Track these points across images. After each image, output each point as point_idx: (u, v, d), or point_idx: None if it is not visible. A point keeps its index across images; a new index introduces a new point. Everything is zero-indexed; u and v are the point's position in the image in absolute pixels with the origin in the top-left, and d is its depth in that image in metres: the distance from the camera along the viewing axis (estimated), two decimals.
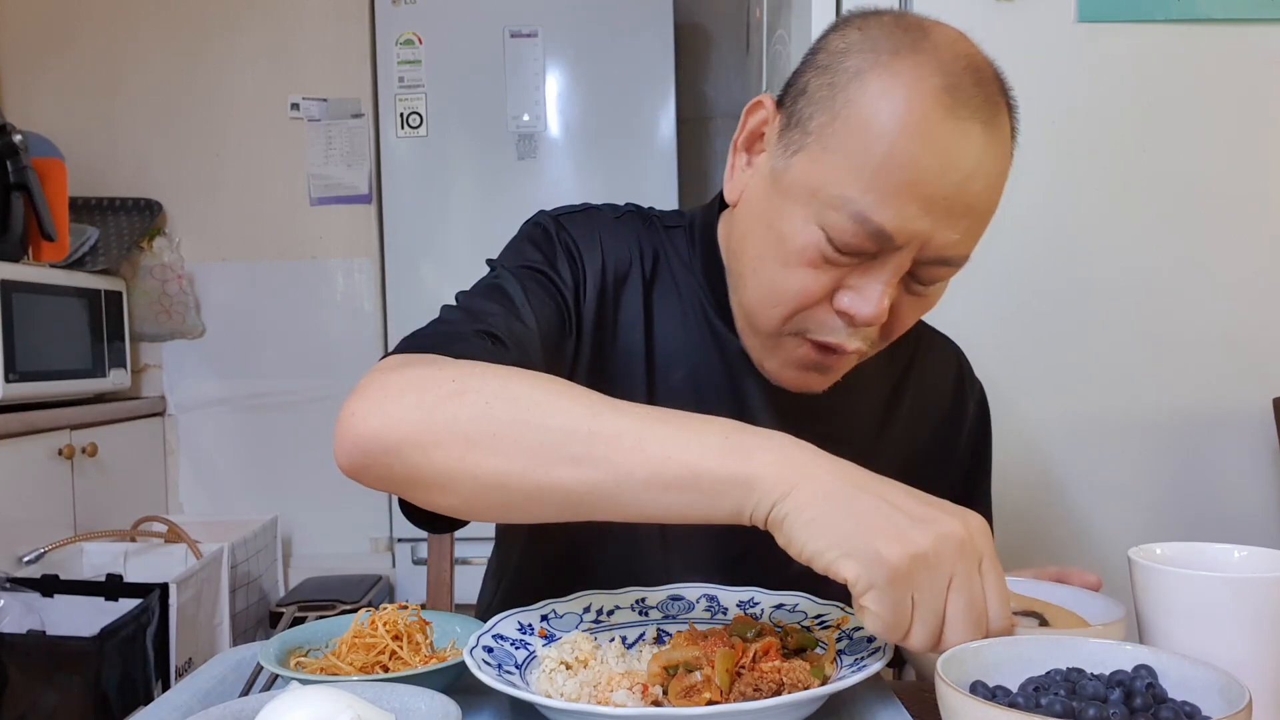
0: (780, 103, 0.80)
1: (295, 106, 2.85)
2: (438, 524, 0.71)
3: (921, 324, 0.96)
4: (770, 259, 0.78)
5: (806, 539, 0.58)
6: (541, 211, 0.92)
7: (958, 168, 0.71)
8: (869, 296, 0.74)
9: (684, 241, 0.92)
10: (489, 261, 0.89)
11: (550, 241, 0.88)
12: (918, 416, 0.97)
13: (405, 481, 0.66)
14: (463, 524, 0.72)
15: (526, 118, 2.75)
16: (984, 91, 0.73)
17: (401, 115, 2.78)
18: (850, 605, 0.73)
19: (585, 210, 0.93)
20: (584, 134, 2.76)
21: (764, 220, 0.79)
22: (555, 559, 0.92)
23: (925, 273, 0.76)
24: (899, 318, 0.79)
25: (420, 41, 2.76)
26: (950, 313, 1.50)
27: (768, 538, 0.61)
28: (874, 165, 0.71)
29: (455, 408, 0.64)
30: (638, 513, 0.63)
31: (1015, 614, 0.69)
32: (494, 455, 0.63)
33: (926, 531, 0.58)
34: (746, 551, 0.83)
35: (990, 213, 0.75)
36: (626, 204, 0.96)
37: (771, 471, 0.60)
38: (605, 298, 0.88)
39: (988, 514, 0.99)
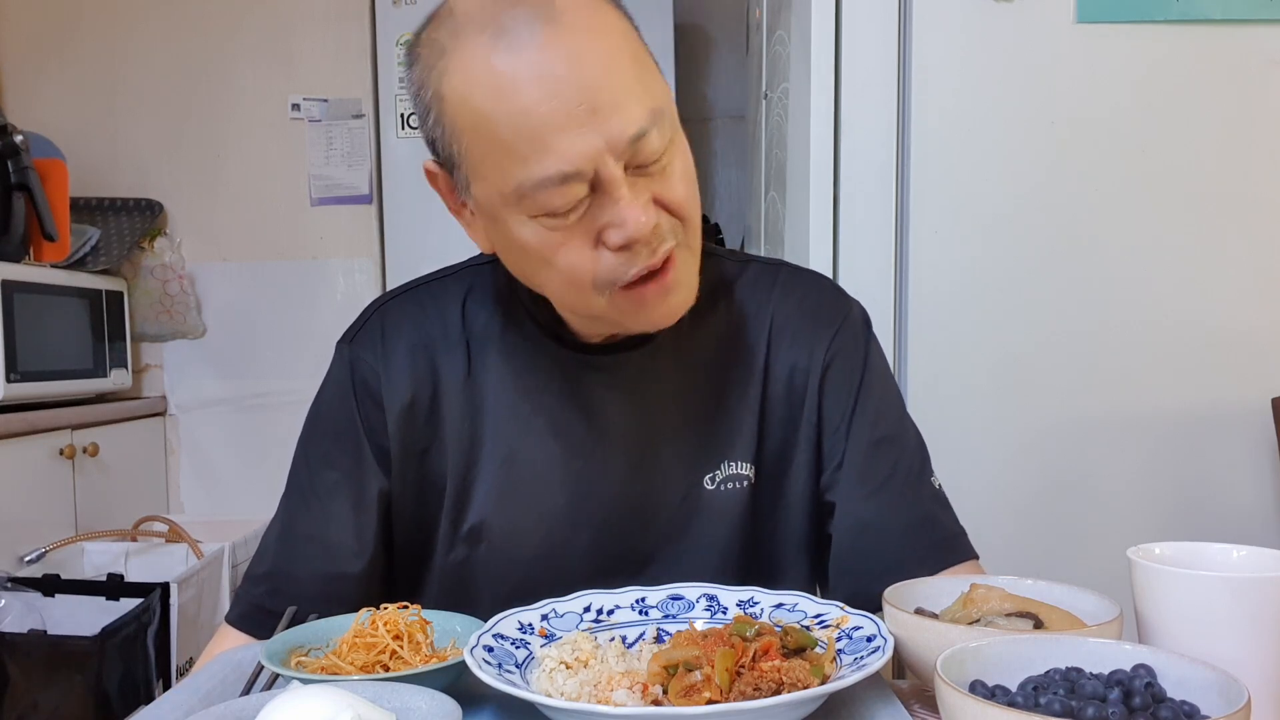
0: (437, 160, 0.82)
1: (296, 107, 2.85)
2: None
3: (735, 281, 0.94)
4: (539, 267, 0.79)
5: None
6: (339, 346, 0.94)
7: (555, 83, 0.71)
8: (625, 217, 0.74)
9: (491, 274, 0.94)
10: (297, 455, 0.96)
11: (348, 408, 0.91)
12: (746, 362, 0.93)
13: None
14: None
15: None
16: (525, 2, 0.72)
17: (402, 115, 2.78)
18: (849, 604, 0.73)
19: (380, 329, 0.93)
20: None
21: (509, 247, 0.81)
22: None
23: (639, 156, 0.74)
24: (670, 198, 0.77)
25: None
26: (950, 312, 1.51)
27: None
28: (505, 144, 0.72)
29: None
30: None
31: (1011, 614, 0.69)
32: None
33: None
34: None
35: (632, 65, 0.74)
36: (430, 276, 0.97)
37: None
38: (415, 414, 0.91)
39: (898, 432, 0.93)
